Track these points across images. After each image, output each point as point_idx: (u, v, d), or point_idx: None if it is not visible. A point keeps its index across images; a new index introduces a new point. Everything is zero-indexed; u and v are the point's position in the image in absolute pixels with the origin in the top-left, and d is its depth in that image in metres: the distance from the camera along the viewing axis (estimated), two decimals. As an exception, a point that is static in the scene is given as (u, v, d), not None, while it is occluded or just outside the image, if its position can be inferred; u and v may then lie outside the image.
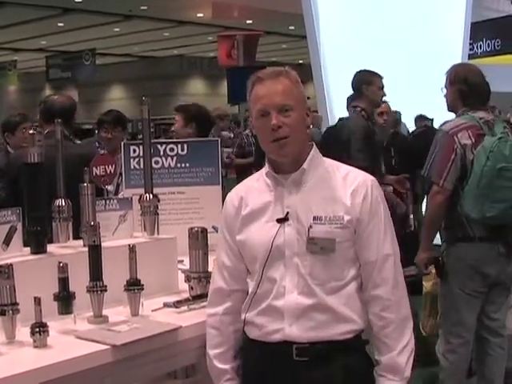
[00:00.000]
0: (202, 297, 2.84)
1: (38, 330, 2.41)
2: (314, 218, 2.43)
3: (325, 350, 2.43)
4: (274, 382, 2.48)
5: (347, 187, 2.47)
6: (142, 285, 2.80)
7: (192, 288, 2.96)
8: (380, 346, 2.49)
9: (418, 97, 8.70)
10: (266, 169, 2.55)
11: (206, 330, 2.61)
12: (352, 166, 2.60)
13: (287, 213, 2.45)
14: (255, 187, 2.57)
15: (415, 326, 2.58)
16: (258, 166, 2.78)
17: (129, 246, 2.82)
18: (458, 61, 12.56)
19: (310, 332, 2.42)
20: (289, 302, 2.43)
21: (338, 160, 2.61)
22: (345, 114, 7.09)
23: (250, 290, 2.52)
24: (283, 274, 2.44)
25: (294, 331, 2.42)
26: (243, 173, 8.40)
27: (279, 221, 2.45)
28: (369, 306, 2.48)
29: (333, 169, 2.53)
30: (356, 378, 2.48)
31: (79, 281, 2.66)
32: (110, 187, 3.91)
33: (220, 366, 2.59)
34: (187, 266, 3.06)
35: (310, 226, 2.42)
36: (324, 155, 2.59)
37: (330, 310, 2.43)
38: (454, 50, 12.46)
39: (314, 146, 2.56)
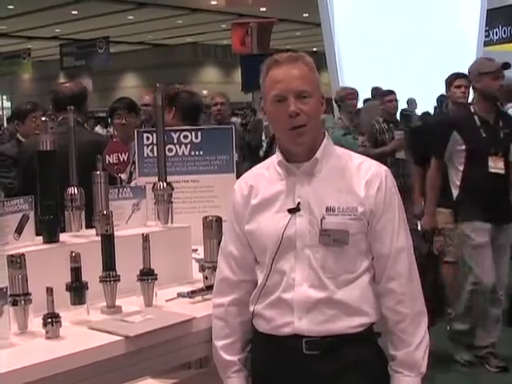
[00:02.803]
0: (216, 287, 2.80)
1: (50, 320, 2.38)
2: (327, 209, 2.37)
3: (336, 344, 2.38)
4: (284, 375, 2.43)
5: (361, 177, 2.41)
6: (156, 274, 2.77)
7: (206, 278, 2.91)
8: (395, 340, 2.44)
9: (433, 84, 8.65)
10: (277, 157, 2.48)
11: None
12: None
13: (299, 203, 2.39)
14: (265, 176, 2.50)
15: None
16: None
17: (142, 235, 2.79)
18: (474, 48, 12.50)
19: (320, 326, 2.37)
20: (298, 294, 2.38)
21: None
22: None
23: (259, 282, 2.47)
24: (293, 266, 2.39)
25: (303, 325, 2.37)
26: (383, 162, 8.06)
27: (290, 211, 2.39)
28: (383, 300, 2.43)
29: (345, 158, 2.47)
30: (368, 372, 2.43)
31: (92, 270, 2.62)
32: (122, 175, 3.88)
33: (227, 357, 2.54)
34: (201, 256, 3.02)
35: (323, 217, 2.36)
36: None
37: (341, 303, 2.37)
38: (469, 37, 12.38)
39: (327, 134, 2.50)
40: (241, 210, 2.51)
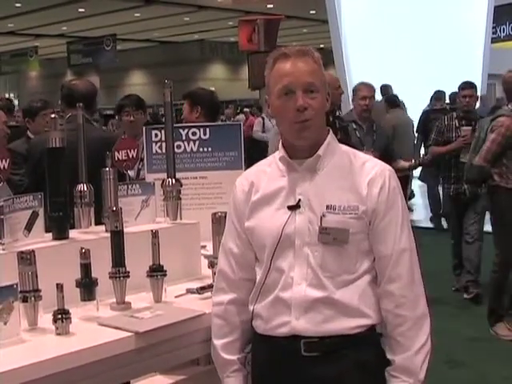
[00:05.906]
0: (225, 283, 2.80)
1: (60, 316, 2.39)
2: (327, 207, 2.32)
3: (334, 345, 2.32)
4: (283, 378, 2.38)
5: (364, 176, 2.36)
6: (165, 271, 2.77)
7: (215, 274, 2.92)
8: (394, 344, 2.37)
9: (440, 81, 8.63)
10: (279, 153, 2.44)
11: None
12: None
13: (299, 200, 2.35)
14: (267, 172, 2.46)
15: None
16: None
17: (151, 231, 2.79)
18: (481, 45, 12.48)
19: (317, 326, 2.31)
20: (296, 293, 2.33)
21: None
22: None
23: (257, 280, 2.42)
24: (292, 265, 2.34)
25: (301, 325, 2.32)
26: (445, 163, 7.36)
27: (290, 208, 2.35)
28: (382, 302, 2.37)
29: (349, 156, 2.42)
30: (370, 375, 2.37)
31: (101, 267, 2.63)
32: (130, 172, 3.88)
33: (227, 356, 2.50)
34: (210, 252, 3.02)
35: (323, 215, 2.32)
36: None
37: (340, 303, 2.32)
38: (477, 34, 12.36)
39: (331, 131, 2.45)
40: (241, 207, 2.47)
